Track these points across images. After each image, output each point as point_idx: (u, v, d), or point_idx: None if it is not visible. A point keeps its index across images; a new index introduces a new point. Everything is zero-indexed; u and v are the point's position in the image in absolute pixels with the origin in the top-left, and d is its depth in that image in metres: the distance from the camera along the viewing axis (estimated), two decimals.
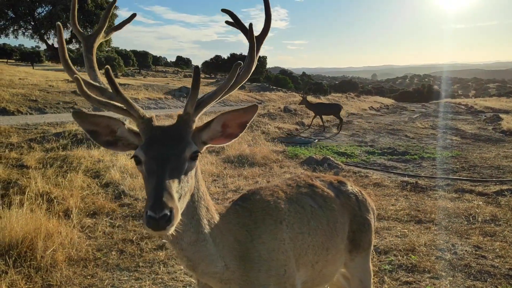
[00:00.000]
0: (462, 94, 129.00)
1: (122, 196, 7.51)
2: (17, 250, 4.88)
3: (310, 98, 27.98)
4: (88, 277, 4.78)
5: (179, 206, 1.80)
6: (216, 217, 2.25)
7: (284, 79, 76.61)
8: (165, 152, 1.91)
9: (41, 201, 6.13)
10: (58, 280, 4.61)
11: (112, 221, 6.50)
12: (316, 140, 16.37)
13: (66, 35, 31.05)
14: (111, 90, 2.05)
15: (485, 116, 33.53)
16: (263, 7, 2.35)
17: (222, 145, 2.27)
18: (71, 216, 6.16)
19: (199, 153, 2.03)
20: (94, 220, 6.44)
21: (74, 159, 9.04)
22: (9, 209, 5.60)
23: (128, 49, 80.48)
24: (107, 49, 43.99)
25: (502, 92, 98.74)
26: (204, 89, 37.22)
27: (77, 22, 2.37)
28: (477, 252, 5.49)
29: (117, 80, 1.98)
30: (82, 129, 2.14)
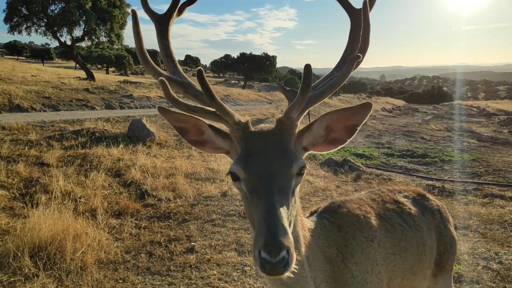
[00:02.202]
0: (472, 96, 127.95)
1: (145, 196, 7.33)
2: (46, 251, 4.71)
3: None
4: (120, 281, 4.60)
5: (292, 238, 1.50)
6: (308, 233, 1.98)
7: (292, 79, 76.34)
8: (269, 168, 1.61)
9: (68, 201, 5.97)
10: (90, 283, 4.44)
11: (137, 222, 6.33)
12: None
13: (78, 32, 31.03)
14: (202, 93, 1.76)
15: (498, 118, 33.15)
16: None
17: (325, 152, 1.93)
18: (97, 216, 5.99)
19: (305, 168, 1.73)
20: (120, 221, 6.26)
21: (94, 157, 8.87)
22: (35, 208, 5.44)
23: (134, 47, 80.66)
24: (117, 47, 43.89)
25: None
26: (214, 88, 37.23)
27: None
28: None
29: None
30: (170, 125, 1.89)
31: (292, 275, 1.60)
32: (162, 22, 2.10)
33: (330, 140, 1.85)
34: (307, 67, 1.61)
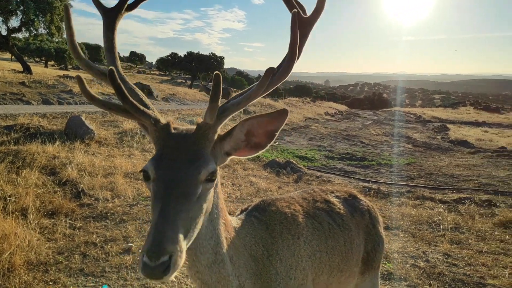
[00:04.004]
0: (410, 104, 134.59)
1: (81, 196, 7.08)
2: None
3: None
4: (50, 283, 4.41)
5: (185, 244, 1.54)
6: (232, 233, 2.02)
7: (240, 81, 76.55)
8: (175, 173, 1.62)
9: None
10: (17, 286, 4.22)
11: (72, 222, 6.10)
12: (277, 143, 16.36)
13: (15, 22, 29.31)
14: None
15: (433, 125, 35.07)
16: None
17: (248, 157, 1.95)
18: (28, 216, 5.71)
19: (217, 174, 1.76)
20: (53, 220, 6.01)
21: (27, 154, 8.43)
22: None
23: (79, 42, 77.52)
24: (57, 40, 41.96)
25: (447, 103, 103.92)
26: (159, 86, 36.37)
27: None
28: (448, 260, 5.60)
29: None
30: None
31: (174, 279, 1.65)
32: (109, 16, 2.07)
33: (251, 145, 1.89)
34: (217, 76, 1.62)
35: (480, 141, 24.00)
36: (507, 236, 6.61)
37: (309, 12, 2.05)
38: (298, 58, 1.89)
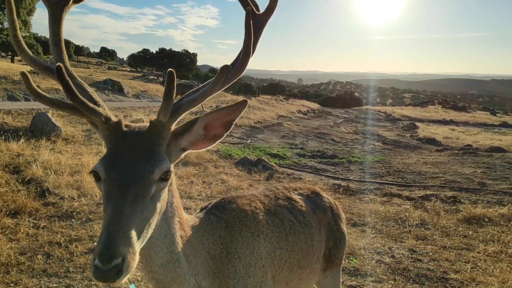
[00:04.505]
0: (380, 102, 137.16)
1: (46, 195, 6.89)
2: None
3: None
4: (12, 284, 4.28)
5: (138, 245, 1.50)
6: (189, 231, 1.99)
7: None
8: (128, 173, 1.56)
9: None
10: None
11: (36, 221, 5.93)
12: (249, 141, 16.37)
13: None
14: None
15: (402, 123, 35.84)
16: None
17: (204, 149, 1.92)
18: None
19: (171, 173, 1.72)
20: (16, 220, 5.83)
21: None
22: None
23: (44, 36, 75.16)
24: (24, 34, 40.70)
25: (416, 102, 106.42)
26: (130, 83, 35.81)
27: None
28: (413, 256, 5.72)
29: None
30: None
31: (141, 262, 1.65)
32: (55, 8, 1.97)
33: (209, 138, 1.87)
34: (170, 73, 1.58)
35: (448, 139, 24.68)
36: (470, 232, 6.81)
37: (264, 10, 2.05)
38: (252, 55, 1.88)
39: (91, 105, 1.64)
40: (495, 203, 8.65)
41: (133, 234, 1.46)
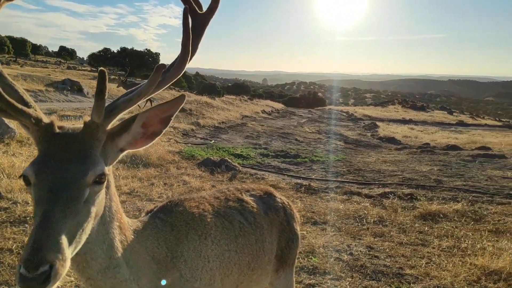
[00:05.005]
0: (343, 102, 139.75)
1: None
2: None
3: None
4: None
5: (69, 251, 1.43)
6: (130, 236, 1.93)
7: (177, 78, 75.45)
8: (59, 176, 1.50)
9: None
10: None
11: None
12: (213, 141, 16.30)
13: None
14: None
15: (364, 123, 36.67)
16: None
17: (143, 147, 1.87)
18: None
19: (107, 175, 1.65)
20: None
21: None
22: None
23: (3, 35, 72.35)
24: None
25: (377, 101, 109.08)
26: (91, 83, 34.91)
27: None
28: (370, 253, 5.86)
29: None
30: None
31: (79, 264, 1.64)
32: None
33: (148, 135, 1.84)
34: (101, 72, 1.54)
35: (407, 138, 25.47)
36: (426, 228, 7.04)
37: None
38: (192, 55, 1.86)
39: (20, 106, 1.56)
40: (450, 200, 8.97)
41: (64, 239, 1.40)
